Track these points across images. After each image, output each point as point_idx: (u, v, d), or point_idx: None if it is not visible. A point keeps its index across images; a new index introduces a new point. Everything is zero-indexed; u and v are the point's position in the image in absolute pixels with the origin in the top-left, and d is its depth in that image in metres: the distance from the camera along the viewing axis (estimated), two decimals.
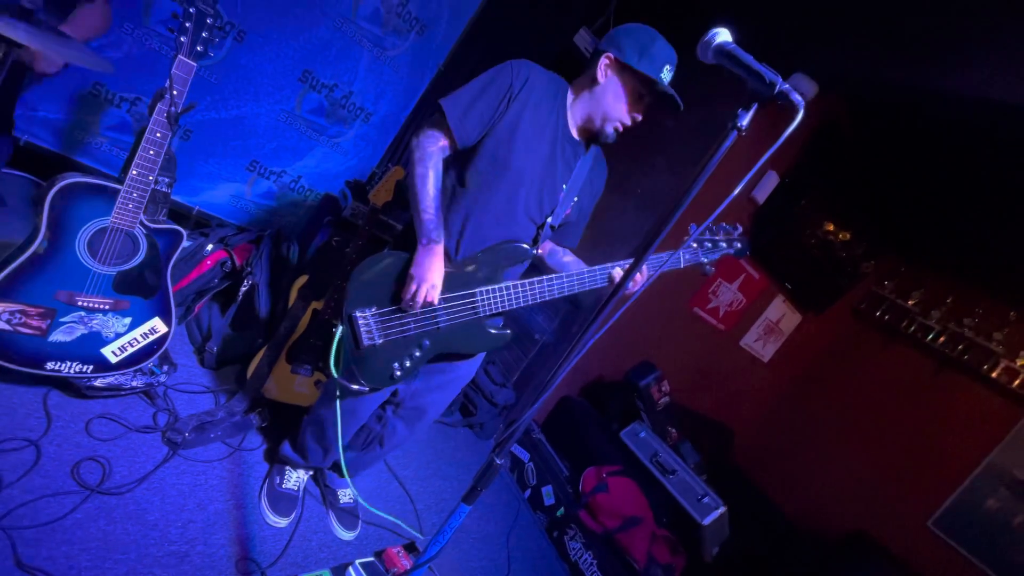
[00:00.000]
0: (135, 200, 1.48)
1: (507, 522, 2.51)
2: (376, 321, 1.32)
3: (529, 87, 1.34)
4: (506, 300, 1.38)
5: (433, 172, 1.32)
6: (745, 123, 0.84)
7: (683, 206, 0.92)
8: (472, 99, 1.33)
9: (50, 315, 1.44)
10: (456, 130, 1.32)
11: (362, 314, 1.30)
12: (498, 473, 1.03)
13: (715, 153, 0.87)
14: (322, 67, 2.49)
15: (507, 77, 1.34)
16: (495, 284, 1.37)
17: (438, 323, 1.37)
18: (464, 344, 1.44)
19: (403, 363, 1.37)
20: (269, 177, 2.67)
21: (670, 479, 2.75)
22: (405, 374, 1.38)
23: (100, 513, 1.41)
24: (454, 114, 1.31)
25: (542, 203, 1.44)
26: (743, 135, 0.85)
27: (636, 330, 3.19)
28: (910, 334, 3.74)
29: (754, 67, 0.82)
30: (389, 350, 1.36)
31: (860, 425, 3.89)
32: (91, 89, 2.14)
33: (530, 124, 1.35)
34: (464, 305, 1.37)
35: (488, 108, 1.33)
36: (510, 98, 1.33)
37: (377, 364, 1.37)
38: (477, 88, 1.34)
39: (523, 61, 1.38)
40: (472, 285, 1.37)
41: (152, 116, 1.45)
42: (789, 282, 3.76)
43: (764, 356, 4.11)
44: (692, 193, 0.91)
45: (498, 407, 2.84)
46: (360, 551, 1.83)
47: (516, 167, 1.36)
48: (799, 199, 3.45)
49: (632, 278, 0.98)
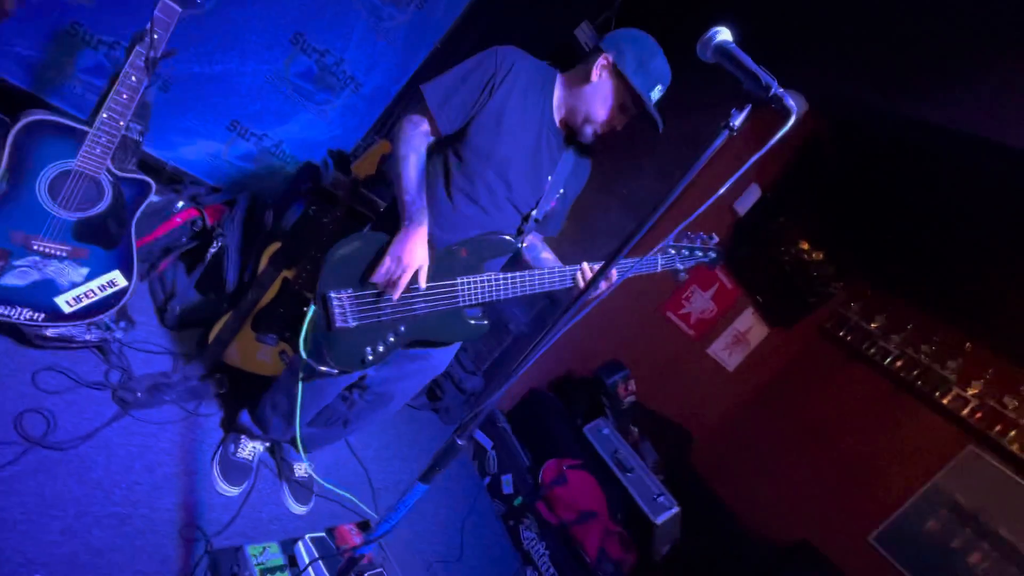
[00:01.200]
0: (103, 144, 1.41)
1: (464, 508, 2.51)
2: (351, 303, 1.29)
3: (514, 74, 1.31)
4: (487, 291, 1.36)
5: (415, 155, 1.28)
6: (737, 124, 0.84)
7: (663, 207, 0.92)
8: (454, 85, 1.30)
9: (3, 256, 1.37)
10: (437, 116, 1.30)
11: (337, 295, 1.27)
12: (458, 454, 1.02)
13: (704, 153, 0.87)
14: (315, 31, 2.41)
15: (491, 64, 1.31)
16: (477, 274, 1.35)
17: (415, 310, 1.34)
18: (440, 333, 1.42)
19: (375, 348, 1.34)
20: (250, 139, 2.59)
21: (628, 476, 2.79)
22: (376, 359, 1.36)
23: (40, 467, 1.35)
24: (434, 100, 1.29)
25: (526, 194, 1.42)
26: (734, 135, 0.85)
27: (608, 328, 3.21)
28: (870, 356, 3.87)
29: (751, 68, 0.83)
30: (362, 333, 1.33)
31: (815, 438, 4.01)
32: (68, 28, 2.03)
33: (515, 112, 1.33)
34: (444, 293, 1.35)
35: (470, 95, 1.30)
36: (493, 86, 1.30)
37: (348, 347, 1.33)
38: (460, 74, 1.31)
39: (509, 48, 1.35)
40: (454, 274, 1.34)
41: (128, 59, 1.39)
42: (761, 295, 3.84)
43: (729, 365, 4.20)
44: (674, 194, 0.91)
45: (465, 394, 2.83)
46: (312, 526, 1.80)
47: (500, 156, 1.34)
48: (778, 215, 3.52)
49: (606, 277, 0.99)
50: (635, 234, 0.92)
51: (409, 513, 1.07)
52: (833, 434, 3.92)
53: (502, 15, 2.72)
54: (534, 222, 1.44)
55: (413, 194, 1.25)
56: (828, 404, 4.10)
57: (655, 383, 3.69)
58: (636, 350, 3.38)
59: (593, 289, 1.02)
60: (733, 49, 0.86)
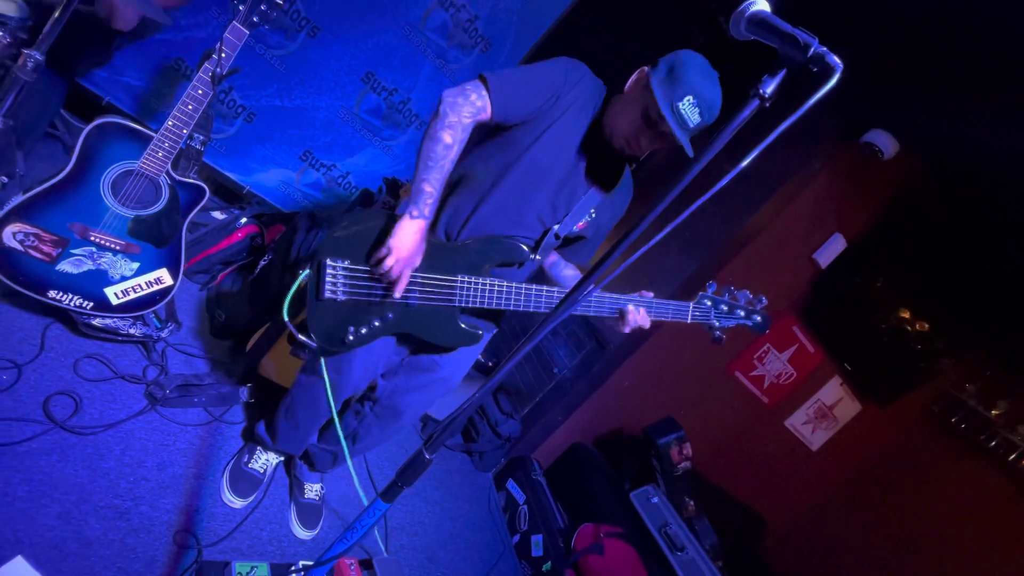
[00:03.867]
0: (166, 149, 1.52)
1: (486, 565, 2.28)
2: (345, 275, 1.24)
3: (577, 91, 1.27)
4: (487, 296, 1.27)
5: (457, 147, 1.20)
6: (769, 91, 0.71)
7: (662, 205, 0.79)
8: (520, 80, 1.23)
9: (62, 244, 1.48)
10: (498, 111, 1.20)
11: (332, 263, 1.22)
12: (425, 470, 0.89)
13: (731, 124, 0.74)
14: (385, 71, 2.57)
15: (560, 75, 1.26)
16: (479, 276, 1.27)
17: (409, 299, 1.28)
18: (430, 331, 1.34)
19: (359, 329, 1.28)
20: (319, 169, 2.76)
21: (678, 556, 2.42)
22: (357, 340, 1.28)
23: (55, 448, 1.38)
24: (500, 88, 1.19)
25: (556, 207, 1.35)
26: (766, 105, 0.72)
27: (664, 383, 2.94)
28: (990, 449, 3.21)
29: (788, 31, 0.71)
30: (348, 310, 1.27)
31: (920, 545, 3.33)
32: (173, 63, 2.31)
33: (564, 125, 1.28)
34: (441, 289, 1.28)
35: (533, 97, 1.23)
36: (556, 99, 1.25)
37: (331, 321, 1.27)
38: (528, 73, 1.25)
39: (577, 64, 1.31)
40: (455, 271, 1.27)
41: (197, 73, 1.51)
42: (850, 363, 3.38)
43: (812, 444, 3.67)
44: (678, 188, 0.79)
45: (501, 438, 2.66)
46: (312, 554, 1.69)
47: (539, 164, 1.28)
48: (873, 275, 3.13)
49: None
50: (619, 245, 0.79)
51: (424, 558, 0.95)
52: (942, 542, 3.23)
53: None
54: (554, 238, 1.35)
55: (432, 185, 1.18)
56: (935, 507, 3.41)
57: (719, 453, 3.29)
58: (695, 411, 3.05)
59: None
60: (767, 16, 0.75)
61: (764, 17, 0.75)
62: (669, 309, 1.40)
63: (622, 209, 1.48)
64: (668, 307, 1.40)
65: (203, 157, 1.79)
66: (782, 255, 2.76)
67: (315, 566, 0.96)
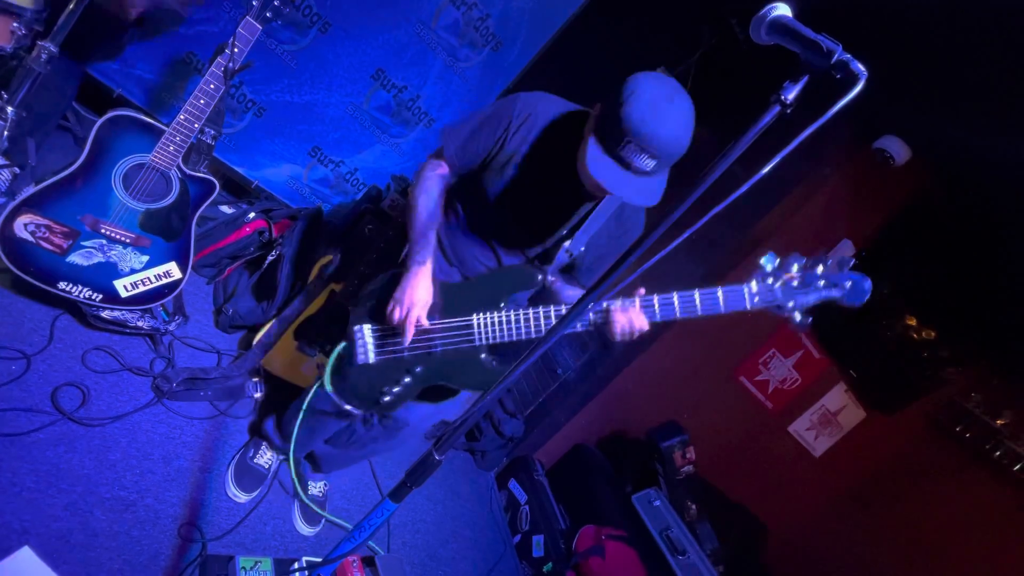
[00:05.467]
0: (177, 143, 1.52)
1: (487, 565, 2.28)
2: (373, 338, 1.31)
3: (530, 123, 1.25)
4: (504, 330, 1.25)
5: (425, 196, 1.31)
6: (791, 97, 0.71)
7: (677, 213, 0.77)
8: (471, 132, 1.31)
9: (73, 236, 1.48)
10: (451, 161, 1.33)
11: (359, 330, 1.30)
12: (434, 471, 0.89)
13: (751, 131, 0.73)
14: (395, 68, 2.57)
15: (507, 112, 1.27)
16: (495, 311, 1.26)
17: (432, 348, 1.29)
18: (459, 377, 1.34)
19: (392, 388, 1.31)
20: (328, 165, 2.76)
21: (679, 560, 2.42)
22: (392, 401, 1.32)
23: (63, 439, 1.39)
24: (452, 145, 1.32)
25: (530, 239, 1.34)
26: (788, 112, 0.72)
27: (669, 386, 2.93)
28: (995, 459, 3.18)
29: (811, 37, 0.70)
30: (380, 371, 1.32)
31: (922, 554, 3.31)
32: (184, 57, 2.31)
33: (529, 160, 1.26)
34: (460, 331, 1.28)
35: (484, 143, 1.29)
36: (506, 136, 1.26)
37: (367, 385, 1.33)
38: (477, 121, 1.31)
39: (532, 95, 1.30)
40: (471, 310, 1.28)
41: (209, 68, 1.51)
42: (855, 370, 3.36)
43: (815, 450, 3.65)
44: (693, 197, 0.78)
45: (504, 438, 2.66)
46: (315, 550, 1.70)
47: (503, 200, 1.29)
48: (880, 284, 3.11)
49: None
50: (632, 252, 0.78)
51: (425, 557, 0.95)
52: (945, 553, 3.21)
53: (575, 58, 2.75)
54: (566, 255, 1.33)
55: (417, 235, 1.27)
56: (939, 515, 3.38)
57: (721, 458, 3.27)
58: (699, 415, 3.04)
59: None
60: (790, 21, 0.74)
61: (786, 23, 0.74)
62: (709, 299, 1.11)
63: (630, 233, 1.37)
64: (708, 297, 1.11)
65: (213, 152, 1.79)
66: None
67: (322, 564, 0.96)
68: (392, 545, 1.94)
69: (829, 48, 0.68)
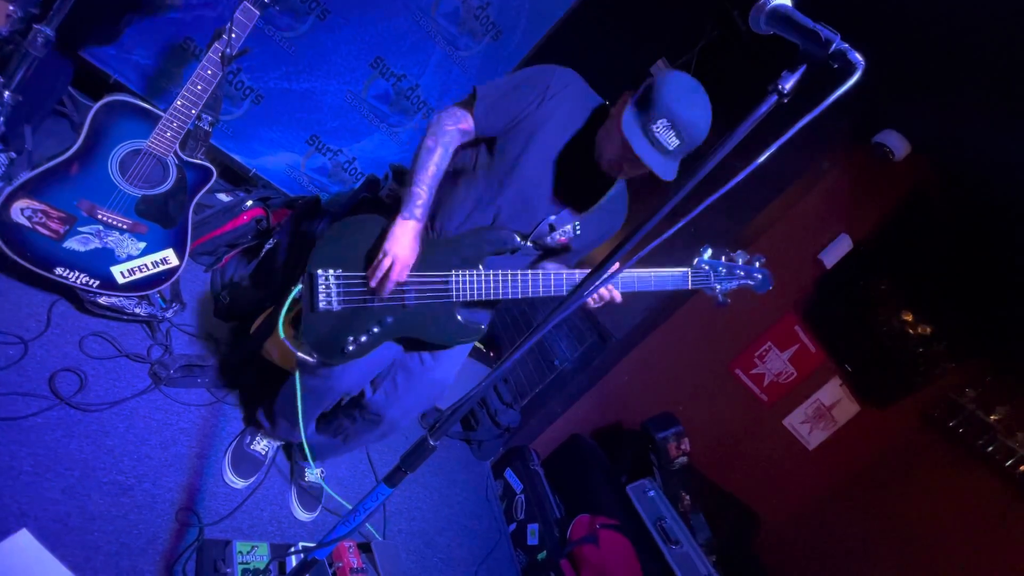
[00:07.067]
0: (174, 129, 1.52)
1: (482, 551, 2.31)
2: (338, 284, 1.24)
3: (563, 97, 1.26)
4: (483, 286, 1.26)
5: (441, 149, 1.24)
6: (788, 87, 0.71)
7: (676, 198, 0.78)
8: (506, 92, 1.27)
9: (69, 221, 1.48)
10: (479, 118, 1.26)
11: (323, 273, 1.22)
12: (427, 457, 0.90)
13: (747, 120, 0.73)
14: (394, 57, 2.55)
15: (545, 80, 1.26)
16: (474, 268, 1.27)
17: (404, 300, 1.27)
18: (430, 331, 1.34)
19: (358, 337, 1.28)
20: (326, 154, 2.75)
21: (672, 550, 2.45)
22: (358, 350, 1.29)
23: (60, 424, 1.39)
24: (484, 103, 1.26)
25: (531, 216, 1.32)
26: (785, 101, 0.72)
27: (665, 378, 2.95)
28: (988, 455, 3.21)
29: (809, 26, 0.70)
30: (345, 319, 1.27)
31: (913, 548, 3.34)
32: (182, 42, 2.29)
33: (551, 134, 1.26)
34: (436, 285, 1.27)
35: (516, 104, 1.26)
36: (541, 100, 1.25)
37: (329, 333, 1.27)
38: (514, 82, 1.28)
39: (568, 70, 1.30)
40: (449, 267, 1.27)
41: (206, 53, 1.50)
42: (850, 364, 3.37)
43: (809, 443, 3.67)
44: (689, 185, 0.78)
45: (500, 428, 2.67)
46: (311, 535, 1.71)
47: (521, 169, 1.27)
48: (878, 279, 3.12)
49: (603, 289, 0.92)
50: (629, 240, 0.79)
51: (421, 544, 0.96)
52: (935, 547, 3.24)
53: (576, 48, 2.73)
54: (548, 227, 1.33)
55: (422, 187, 1.21)
56: (931, 509, 3.41)
57: (715, 450, 3.30)
58: (696, 409, 3.05)
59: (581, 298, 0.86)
60: (789, 10, 0.74)
61: (786, 12, 0.74)
62: (662, 278, 1.34)
63: (613, 227, 1.44)
64: (662, 276, 1.33)
65: (210, 139, 1.78)
66: (787, 254, 2.74)
67: (317, 548, 0.97)
68: (388, 532, 1.96)
69: (827, 37, 0.68)
